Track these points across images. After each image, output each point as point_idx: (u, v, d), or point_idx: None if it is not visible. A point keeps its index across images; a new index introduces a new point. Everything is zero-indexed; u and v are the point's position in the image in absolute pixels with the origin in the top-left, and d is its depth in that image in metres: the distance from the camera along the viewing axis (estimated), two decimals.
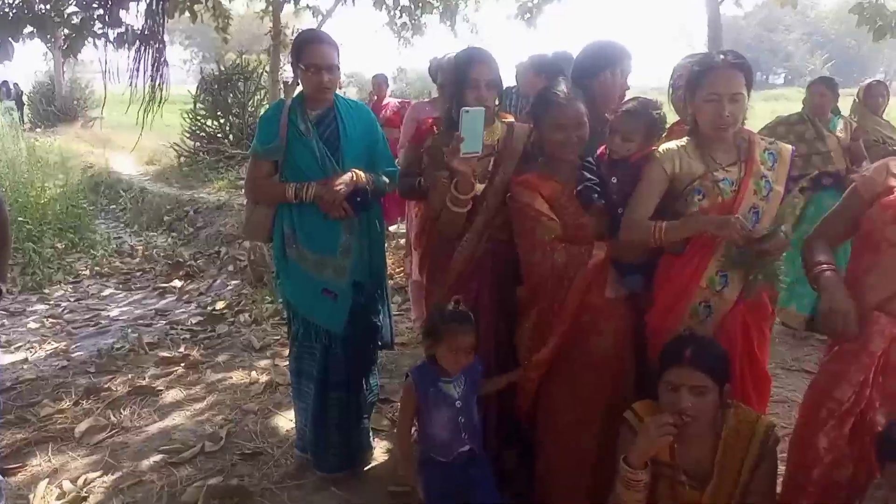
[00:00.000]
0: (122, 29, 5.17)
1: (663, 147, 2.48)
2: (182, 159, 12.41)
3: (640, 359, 2.62)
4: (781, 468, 2.32)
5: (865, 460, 2.09)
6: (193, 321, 5.76)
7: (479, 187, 2.73)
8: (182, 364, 4.67)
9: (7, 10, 4.92)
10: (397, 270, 6.15)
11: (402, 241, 6.24)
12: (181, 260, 7.79)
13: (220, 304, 6.08)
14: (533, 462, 2.87)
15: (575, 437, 2.64)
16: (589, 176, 2.62)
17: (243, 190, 4.32)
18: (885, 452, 1.90)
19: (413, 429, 2.72)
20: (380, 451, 3.46)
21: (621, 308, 2.62)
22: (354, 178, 2.98)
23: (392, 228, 7.28)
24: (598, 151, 2.73)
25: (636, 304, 2.65)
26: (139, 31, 5.03)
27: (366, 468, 3.31)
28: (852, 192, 2.28)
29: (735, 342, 2.39)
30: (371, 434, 3.41)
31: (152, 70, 5.09)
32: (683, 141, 2.48)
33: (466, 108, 2.54)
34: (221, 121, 12.64)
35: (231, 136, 12.53)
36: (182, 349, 4.96)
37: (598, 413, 2.60)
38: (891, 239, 2.07)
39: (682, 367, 2.13)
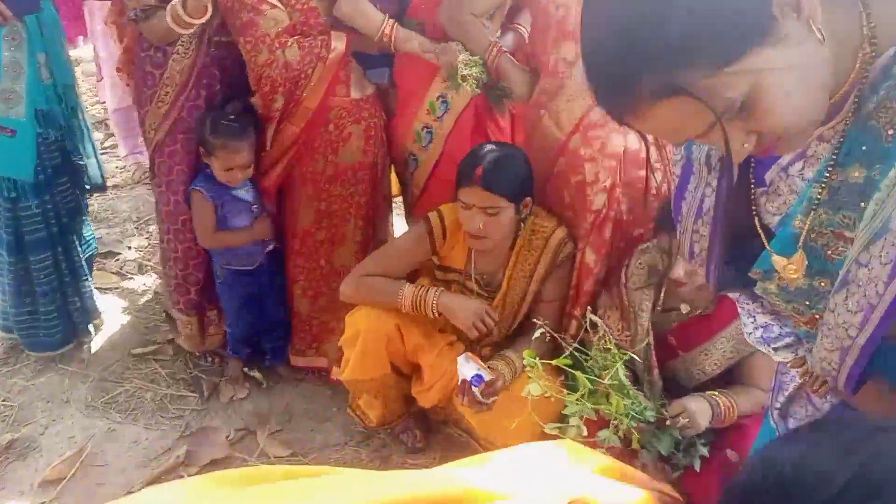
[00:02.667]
0: None
1: None
2: None
3: None
4: None
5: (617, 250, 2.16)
6: None
7: None
8: None
9: None
10: (90, 102, 5.11)
11: (93, 64, 5.13)
12: None
13: None
14: None
15: (328, 256, 2.42)
16: None
17: None
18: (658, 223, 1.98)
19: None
20: (113, 312, 2.95)
21: (370, 107, 2.34)
22: None
23: (74, 53, 5.97)
24: None
25: (385, 103, 2.41)
26: None
27: (96, 336, 2.81)
28: None
29: (465, 134, 2.29)
30: (95, 295, 2.86)
31: None
32: None
33: None
34: None
35: None
36: None
37: (349, 228, 2.40)
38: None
39: (474, 188, 1.96)
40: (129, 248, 3.44)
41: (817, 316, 0.94)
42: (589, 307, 2.00)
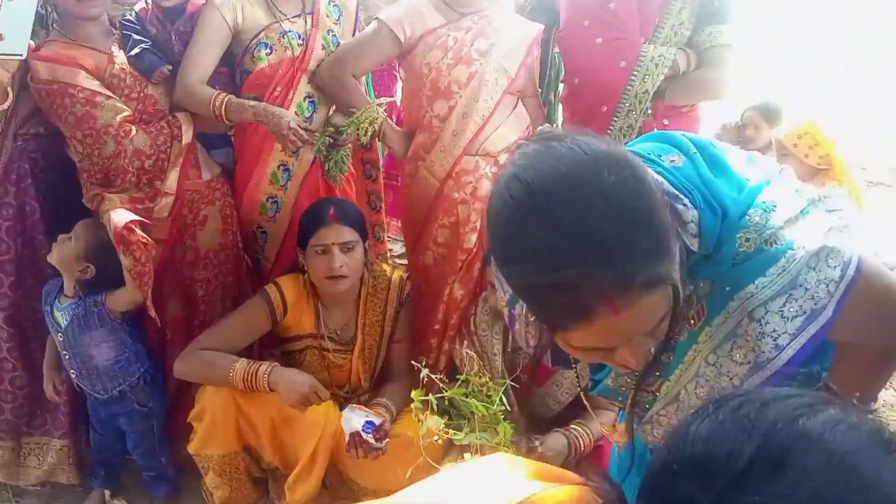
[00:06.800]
0: None
1: None
2: None
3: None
4: None
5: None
6: None
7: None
8: None
9: None
10: None
11: None
12: None
13: None
14: None
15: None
16: (137, 37, 2.15)
17: None
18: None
19: None
20: None
21: (221, 187, 2.33)
22: None
23: None
24: (138, 7, 2.23)
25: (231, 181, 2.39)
26: None
27: None
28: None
29: (314, 199, 2.32)
30: None
31: None
32: None
33: None
34: None
35: None
36: None
37: (218, 311, 2.33)
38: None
39: (330, 226, 2.05)
40: None
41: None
42: (456, 345, 2.15)
